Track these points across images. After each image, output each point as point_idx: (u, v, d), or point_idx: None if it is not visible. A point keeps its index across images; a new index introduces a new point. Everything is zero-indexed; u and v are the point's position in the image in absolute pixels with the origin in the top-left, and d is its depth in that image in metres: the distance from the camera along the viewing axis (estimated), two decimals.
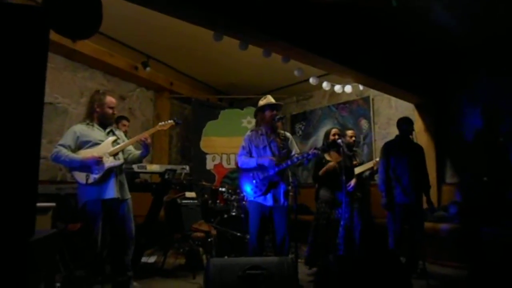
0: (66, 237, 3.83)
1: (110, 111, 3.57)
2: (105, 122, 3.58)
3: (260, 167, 3.83)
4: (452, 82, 5.95)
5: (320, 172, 4.49)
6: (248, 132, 4.11)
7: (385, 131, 6.86)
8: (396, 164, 4.65)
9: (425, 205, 4.72)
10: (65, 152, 3.34)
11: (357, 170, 4.82)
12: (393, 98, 6.75)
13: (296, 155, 3.80)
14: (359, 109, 7.25)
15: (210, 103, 8.16)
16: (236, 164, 7.16)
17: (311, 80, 5.60)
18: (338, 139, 4.33)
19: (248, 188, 3.92)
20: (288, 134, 4.04)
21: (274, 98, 6.89)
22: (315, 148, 3.86)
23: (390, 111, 6.86)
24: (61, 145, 3.38)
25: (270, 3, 3.58)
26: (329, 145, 4.14)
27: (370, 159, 6.05)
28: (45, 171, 5.46)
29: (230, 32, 3.55)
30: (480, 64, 5.65)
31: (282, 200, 3.80)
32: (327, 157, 4.53)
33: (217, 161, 7.63)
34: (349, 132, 5.05)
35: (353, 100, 7.37)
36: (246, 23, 3.35)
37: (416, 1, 4.28)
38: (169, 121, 3.76)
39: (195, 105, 7.64)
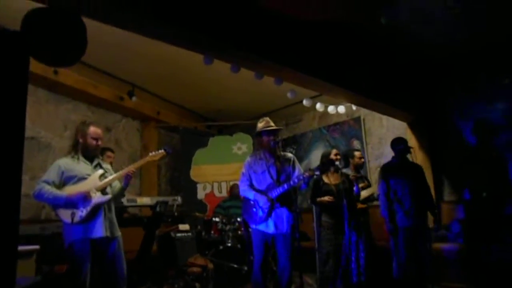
0: (53, 280, 3.54)
1: (94, 142, 3.34)
2: (89, 154, 3.36)
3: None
4: (442, 97, 5.89)
5: (318, 200, 4.30)
6: (248, 158, 3.96)
7: (378, 151, 6.75)
8: (396, 186, 4.51)
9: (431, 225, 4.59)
10: (49, 189, 3.11)
11: (364, 194, 4.66)
12: (384, 118, 6.69)
13: (292, 179, 3.63)
14: (350, 130, 7.15)
15: (199, 131, 7.99)
16: (228, 191, 6.99)
17: (304, 101, 5.50)
18: (336, 160, 4.20)
19: (249, 216, 3.78)
20: (289, 155, 3.88)
21: None
22: (309, 169, 3.72)
23: (382, 131, 6.76)
24: (44, 181, 3.16)
25: (258, 24, 3.48)
26: (324, 165, 3.97)
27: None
28: (28, 209, 5.16)
29: (219, 54, 3.42)
30: (469, 77, 5.62)
31: (284, 227, 3.62)
32: (325, 179, 4.36)
33: (208, 190, 7.40)
34: (357, 154, 4.91)
35: (344, 121, 7.27)
36: (236, 45, 3.24)
37: (401, 18, 4.26)
38: (160, 151, 3.57)
39: (183, 133, 7.46)
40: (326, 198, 4.18)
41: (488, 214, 5.25)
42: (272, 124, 3.86)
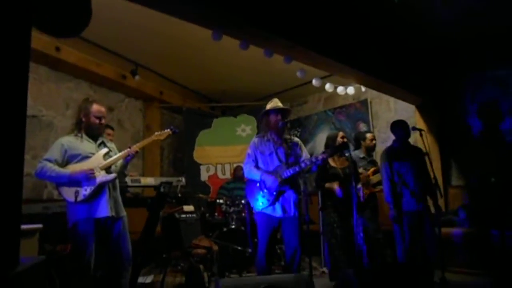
0: (55, 260, 3.47)
1: (97, 121, 3.24)
2: (92, 133, 3.26)
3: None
4: (452, 81, 5.77)
5: (326, 186, 4.20)
6: (254, 138, 3.83)
7: (385, 134, 6.63)
8: (400, 170, 4.40)
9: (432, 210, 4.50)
10: (51, 167, 3.02)
11: (375, 179, 4.57)
12: (391, 101, 6.58)
13: (303, 161, 3.54)
14: (356, 112, 7.03)
15: (202, 111, 7.87)
16: (232, 174, 6.92)
17: (314, 81, 5.37)
18: (345, 142, 4.10)
19: (255, 199, 3.65)
20: (296, 139, 3.77)
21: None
22: (324, 152, 3.63)
23: (389, 114, 6.64)
24: (46, 159, 3.07)
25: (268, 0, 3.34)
26: (339, 147, 3.86)
27: None
28: (30, 189, 5.10)
29: (230, 30, 3.28)
30: (480, 61, 5.48)
31: (292, 210, 3.54)
32: (331, 162, 4.25)
33: (211, 172, 7.32)
34: (369, 135, 4.80)
35: (350, 104, 7.15)
36: (247, 20, 3.10)
37: None
38: (166, 130, 3.46)
39: (186, 114, 7.35)
40: (335, 185, 4.07)
41: (495, 200, 5.20)
42: (280, 104, 3.74)
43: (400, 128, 4.44)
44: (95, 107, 3.24)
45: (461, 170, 5.69)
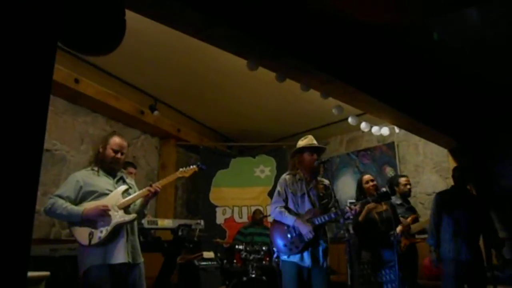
0: None
1: (113, 154, 2.91)
2: (107, 167, 2.93)
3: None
4: (492, 126, 5.45)
5: (360, 218, 3.79)
6: (285, 176, 3.50)
7: (413, 179, 6.22)
8: (450, 216, 4.10)
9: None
10: (63, 204, 2.69)
11: (415, 228, 4.19)
12: (420, 144, 6.27)
13: (334, 210, 3.20)
14: (382, 156, 6.69)
15: (219, 151, 7.57)
16: (249, 217, 6.52)
17: (350, 119, 5.11)
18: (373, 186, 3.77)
19: (281, 244, 3.28)
20: (326, 181, 3.45)
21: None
22: (360, 202, 3.30)
23: (417, 158, 6.31)
24: (58, 195, 2.75)
25: (310, 31, 3.12)
26: (381, 197, 3.51)
27: None
28: (35, 227, 4.74)
29: (267, 60, 3.03)
30: None
31: (321, 260, 3.18)
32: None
33: (228, 215, 6.92)
34: (403, 180, 4.46)
35: (375, 147, 6.83)
36: (287, 50, 2.85)
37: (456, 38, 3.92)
38: (192, 167, 3.16)
39: (203, 153, 7.04)
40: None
41: None
42: (316, 142, 3.44)
43: (456, 172, 4.26)
44: (114, 139, 2.94)
45: (501, 221, 5.25)
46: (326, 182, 3.49)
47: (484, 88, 5.04)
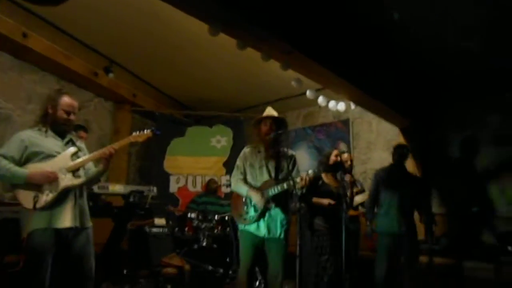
0: (2, 274, 2.97)
1: (65, 115, 2.78)
2: (58, 129, 2.81)
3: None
4: (440, 108, 5.68)
5: (314, 201, 3.88)
6: (245, 149, 3.50)
7: (365, 156, 6.48)
8: (386, 192, 4.32)
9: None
10: (6, 164, 2.55)
11: (358, 200, 4.33)
12: (374, 122, 6.45)
13: (288, 182, 3.20)
14: (337, 132, 6.84)
15: (176, 118, 7.43)
16: (204, 187, 6.51)
17: (308, 93, 5.14)
18: (339, 161, 3.83)
19: (239, 214, 3.34)
20: (291, 152, 3.45)
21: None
22: (313, 171, 3.32)
23: (370, 135, 6.50)
24: (1, 154, 2.59)
25: (273, 0, 3.07)
26: (332, 166, 3.57)
27: None
28: None
29: (230, 27, 2.96)
30: (470, 90, 5.41)
31: (278, 231, 3.21)
32: (324, 178, 3.94)
33: (181, 183, 6.87)
34: (345, 156, 4.57)
35: (330, 123, 6.96)
36: (249, 19, 2.80)
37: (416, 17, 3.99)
38: (146, 131, 3.06)
39: (159, 119, 6.88)
40: (326, 201, 3.77)
41: (476, 230, 5.15)
42: (274, 112, 3.44)
43: (396, 149, 4.41)
44: (65, 99, 2.80)
45: (442, 198, 5.56)
46: (290, 153, 3.47)
47: (436, 70, 5.20)
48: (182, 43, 5.09)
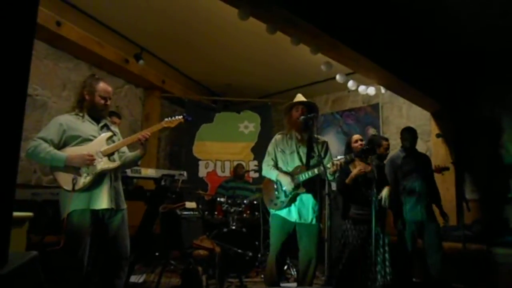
0: (43, 254, 3.11)
1: (102, 101, 2.87)
2: (95, 114, 2.89)
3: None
4: (473, 90, 5.52)
5: (347, 180, 3.83)
6: (276, 136, 3.54)
7: (395, 141, 6.35)
8: (404, 179, 4.29)
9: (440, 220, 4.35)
10: (46, 148, 2.65)
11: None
12: (404, 106, 6.33)
13: (319, 167, 3.20)
14: (366, 117, 6.75)
15: (204, 104, 7.51)
16: (232, 172, 6.59)
17: (338, 77, 5.07)
18: (365, 145, 3.79)
19: (270, 199, 3.38)
20: (323, 139, 3.45)
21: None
22: (345, 157, 3.32)
23: (401, 120, 6.38)
24: (41, 138, 2.69)
25: None
26: (365, 152, 3.52)
27: None
28: (18, 173, 4.70)
29: (258, 10, 2.96)
30: (504, 75, 5.24)
31: (309, 216, 3.23)
32: (351, 168, 3.91)
33: (210, 169, 6.97)
34: (385, 143, 4.51)
35: (359, 108, 6.87)
36: (278, 1, 2.79)
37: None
38: (178, 117, 3.12)
39: (188, 106, 6.96)
40: (356, 170, 3.70)
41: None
42: (303, 98, 3.44)
43: (407, 134, 4.36)
44: (102, 86, 2.88)
45: (475, 183, 5.44)
46: (322, 139, 3.48)
47: (475, 53, 5.05)
48: (210, 29, 5.11)
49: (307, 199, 3.25)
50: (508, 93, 5.24)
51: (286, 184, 3.24)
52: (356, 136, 4.11)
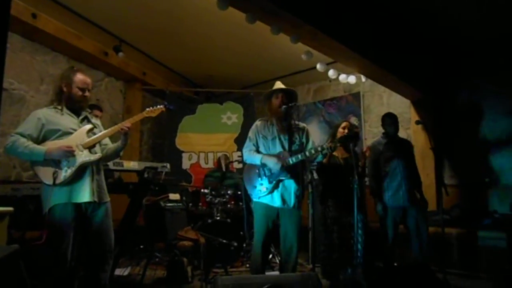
0: (25, 249, 3.08)
1: (80, 92, 2.82)
2: (73, 106, 2.84)
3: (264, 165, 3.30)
4: (452, 79, 5.63)
5: (325, 160, 3.86)
6: (257, 122, 3.55)
7: (376, 129, 6.46)
8: (386, 165, 4.32)
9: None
10: (24, 142, 2.62)
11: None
12: (385, 95, 6.41)
13: (309, 149, 3.24)
14: (348, 106, 6.82)
15: (186, 96, 7.46)
16: (215, 163, 6.58)
17: (318, 66, 5.09)
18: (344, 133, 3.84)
19: (252, 186, 3.39)
20: (302, 125, 3.48)
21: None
22: (331, 141, 3.37)
23: (382, 108, 6.45)
24: (19, 133, 2.65)
25: None
26: (349, 137, 3.59)
27: None
28: None
29: (237, 0, 2.95)
30: (485, 63, 5.34)
31: (292, 201, 3.26)
32: (334, 153, 3.96)
33: (193, 160, 6.95)
34: (344, 124, 4.55)
35: (341, 97, 6.94)
36: None
37: None
38: (159, 106, 3.12)
39: (170, 98, 6.91)
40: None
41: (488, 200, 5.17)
42: (284, 86, 3.45)
43: (388, 120, 4.35)
44: (79, 77, 2.84)
45: (454, 169, 5.57)
46: (302, 125, 3.51)
47: (454, 42, 5.13)
48: (190, 20, 5.06)
49: (289, 184, 3.28)
50: (487, 81, 5.35)
51: (273, 164, 3.24)
52: (344, 124, 4.15)
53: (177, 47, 6.07)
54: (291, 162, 3.21)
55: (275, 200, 3.27)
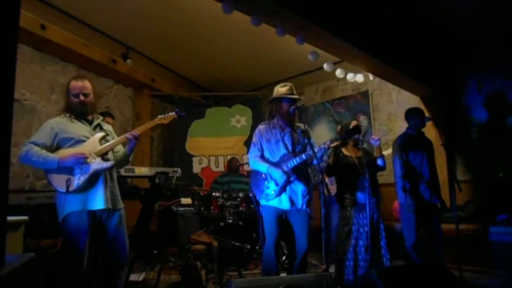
0: (41, 257, 3.11)
1: (75, 99, 2.81)
2: (79, 113, 2.84)
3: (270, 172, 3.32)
4: (460, 72, 5.58)
5: (330, 160, 3.85)
6: (259, 126, 3.55)
7: (386, 127, 6.43)
8: (414, 161, 4.17)
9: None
10: (38, 151, 2.65)
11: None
12: (393, 93, 6.37)
13: (309, 150, 3.25)
14: (357, 104, 6.79)
15: (195, 101, 7.50)
16: (226, 166, 6.61)
17: (325, 66, 5.08)
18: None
19: (260, 190, 3.40)
20: (306, 127, 3.48)
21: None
22: (330, 139, 3.36)
23: (391, 106, 6.43)
24: (32, 142, 2.69)
25: None
26: (350, 132, 3.58)
27: None
28: (10, 179, 4.66)
29: (242, 3, 2.96)
30: (494, 56, 5.28)
31: (300, 202, 3.28)
32: (344, 151, 3.92)
33: (204, 164, 6.98)
34: (354, 122, 4.49)
35: (349, 96, 6.91)
36: None
37: None
38: (171, 114, 3.13)
39: (178, 103, 6.95)
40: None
41: (503, 195, 5.07)
42: (295, 93, 3.45)
43: (417, 115, 4.20)
44: (71, 83, 2.83)
45: (467, 165, 5.51)
46: (303, 126, 3.50)
47: (462, 35, 5.09)
48: (196, 26, 5.11)
49: (297, 186, 3.30)
50: (497, 74, 5.29)
51: (279, 176, 3.27)
52: (354, 122, 4.06)
53: (184, 52, 6.11)
54: (290, 165, 3.24)
55: (283, 203, 3.29)
